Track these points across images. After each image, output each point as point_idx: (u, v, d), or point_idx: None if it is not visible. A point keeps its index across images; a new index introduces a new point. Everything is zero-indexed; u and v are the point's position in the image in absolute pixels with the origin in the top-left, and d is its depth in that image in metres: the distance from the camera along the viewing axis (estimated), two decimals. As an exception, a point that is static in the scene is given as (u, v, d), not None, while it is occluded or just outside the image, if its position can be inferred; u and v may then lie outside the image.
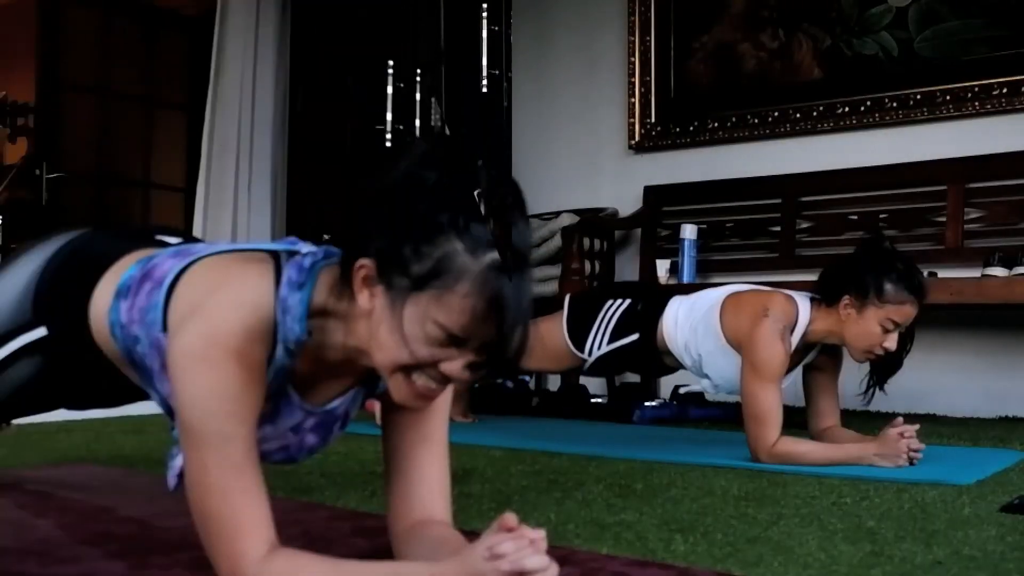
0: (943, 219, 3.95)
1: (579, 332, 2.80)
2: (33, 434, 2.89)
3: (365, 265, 1.08)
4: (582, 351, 2.79)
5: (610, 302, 2.80)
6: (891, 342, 2.41)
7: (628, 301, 2.78)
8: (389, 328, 1.07)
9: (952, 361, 3.94)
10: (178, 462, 1.18)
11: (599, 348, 2.77)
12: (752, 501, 1.92)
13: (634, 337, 2.73)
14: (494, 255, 1.04)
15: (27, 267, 1.43)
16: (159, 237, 1.46)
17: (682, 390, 3.81)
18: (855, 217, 4.16)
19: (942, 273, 3.63)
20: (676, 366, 2.81)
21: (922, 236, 3.99)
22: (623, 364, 2.85)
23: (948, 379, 3.93)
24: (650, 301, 2.77)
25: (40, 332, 1.40)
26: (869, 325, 2.41)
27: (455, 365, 1.08)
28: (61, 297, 1.38)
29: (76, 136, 4.91)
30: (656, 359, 2.79)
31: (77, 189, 4.80)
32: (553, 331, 2.83)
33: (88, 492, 2.00)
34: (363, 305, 1.09)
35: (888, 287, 2.39)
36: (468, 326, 1.04)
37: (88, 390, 1.57)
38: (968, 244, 3.88)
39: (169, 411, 1.23)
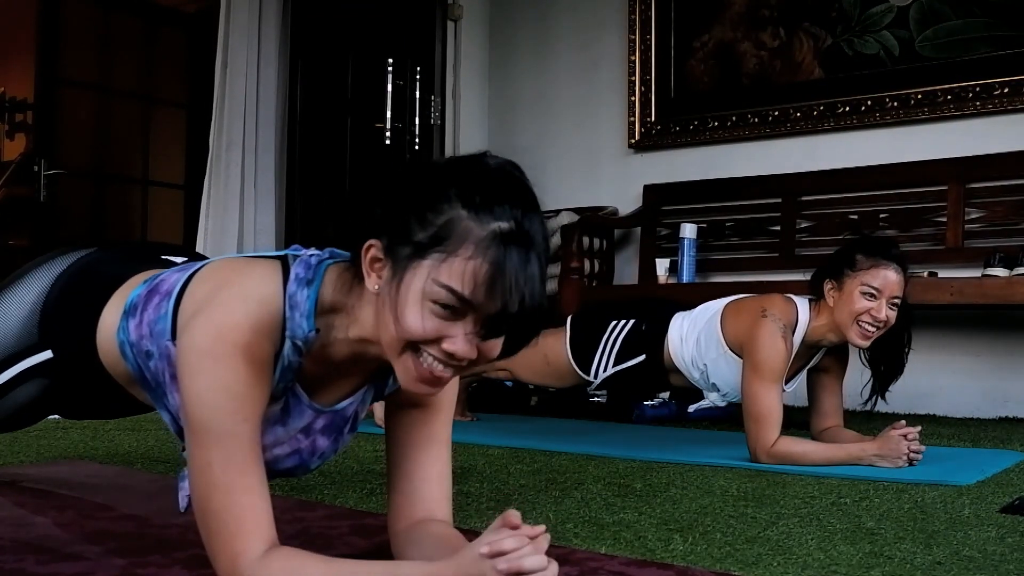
0: (943, 219, 3.95)
1: (584, 354, 2.79)
2: (31, 431, 2.88)
3: (373, 245, 1.07)
4: (587, 373, 2.79)
5: (614, 323, 2.78)
6: (881, 311, 2.39)
7: (632, 322, 2.77)
8: (392, 301, 1.04)
9: (952, 361, 3.94)
10: (188, 484, 1.16)
11: (604, 371, 2.77)
12: (751, 501, 1.92)
13: (640, 358, 2.73)
14: (501, 224, 1.02)
15: (32, 288, 1.43)
16: (165, 257, 1.46)
17: (691, 407, 3.77)
18: (855, 217, 4.16)
19: (942, 273, 3.62)
20: (682, 384, 2.80)
21: (922, 236, 3.99)
22: (629, 384, 2.84)
23: (948, 380, 3.93)
24: (654, 320, 2.76)
25: (46, 355, 1.39)
26: (851, 297, 2.42)
27: (458, 339, 1.04)
28: (68, 320, 1.37)
29: (75, 133, 4.89)
30: (663, 377, 2.78)
31: (76, 186, 4.79)
32: (557, 351, 2.82)
33: (86, 490, 2.00)
34: (371, 289, 1.08)
35: (859, 256, 2.43)
36: (469, 289, 1.01)
37: (90, 407, 1.56)
38: (968, 244, 3.87)
39: (179, 430, 1.20)
